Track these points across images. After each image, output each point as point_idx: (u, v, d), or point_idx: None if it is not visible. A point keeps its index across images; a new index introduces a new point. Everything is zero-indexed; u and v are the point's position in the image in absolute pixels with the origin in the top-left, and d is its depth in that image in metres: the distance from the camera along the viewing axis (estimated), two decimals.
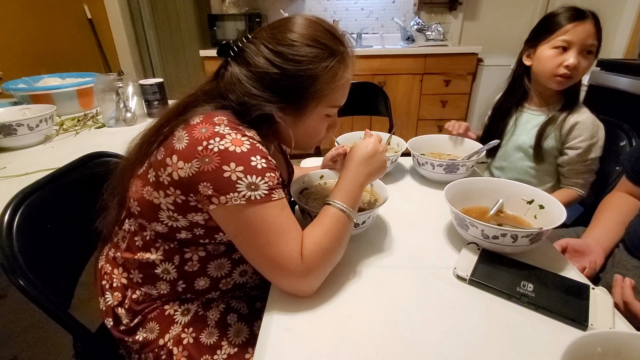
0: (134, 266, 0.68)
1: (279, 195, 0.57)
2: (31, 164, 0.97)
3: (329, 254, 0.58)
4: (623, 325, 0.54)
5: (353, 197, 0.63)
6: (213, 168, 0.53)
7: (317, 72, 0.59)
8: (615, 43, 2.11)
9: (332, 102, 0.64)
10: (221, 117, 0.58)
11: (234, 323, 0.68)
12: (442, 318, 0.55)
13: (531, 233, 0.62)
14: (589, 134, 0.99)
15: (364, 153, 0.67)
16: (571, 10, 0.94)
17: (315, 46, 0.59)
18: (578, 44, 0.93)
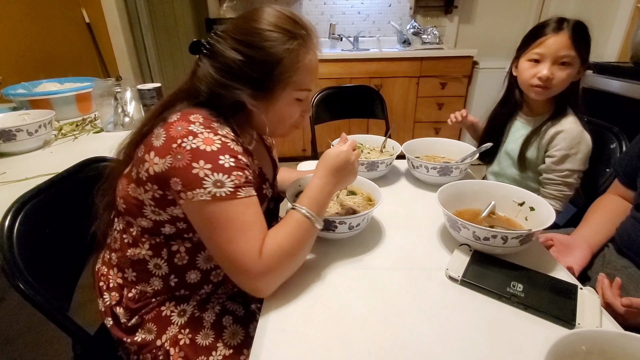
0: (127, 265, 0.70)
1: (245, 193, 0.58)
2: (30, 169, 0.98)
3: (288, 256, 0.60)
4: (610, 324, 0.55)
5: (319, 204, 0.64)
6: (184, 165, 0.56)
7: (280, 55, 0.62)
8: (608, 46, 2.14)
9: (299, 85, 0.66)
10: (197, 115, 0.61)
11: (230, 325, 0.69)
12: (434, 318, 0.56)
13: (521, 235, 0.64)
14: (566, 144, 0.98)
15: (334, 161, 0.67)
16: (547, 23, 0.97)
17: (276, 31, 0.62)
18: (550, 56, 0.95)
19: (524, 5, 2.97)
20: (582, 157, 0.99)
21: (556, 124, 1.00)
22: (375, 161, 0.99)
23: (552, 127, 1.01)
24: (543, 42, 0.95)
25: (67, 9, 2.56)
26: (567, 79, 0.96)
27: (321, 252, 0.72)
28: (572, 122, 1.00)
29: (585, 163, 1.00)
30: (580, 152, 0.99)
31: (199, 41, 0.65)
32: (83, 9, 2.69)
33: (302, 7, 3.04)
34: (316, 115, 1.76)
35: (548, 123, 1.02)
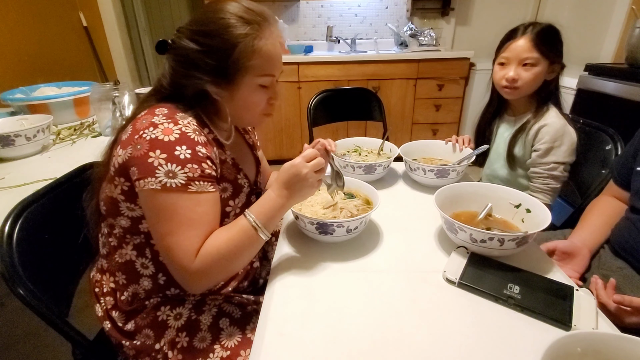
0: (116, 269, 0.71)
1: (197, 188, 0.59)
2: (29, 174, 0.99)
3: (224, 260, 0.60)
4: (606, 325, 0.56)
5: (269, 215, 0.64)
6: (141, 154, 0.57)
7: (234, 41, 0.62)
8: (603, 48, 2.16)
9: (259, 70, 0.66)
10: (162, 108, 0.63)
11: (226, 327, 0.70)
12: (432, 321, 0.56)
13: (517, 237, 0.64)
14: (549, 137, 1.02)
15: (285, 175, 0.65)
16: (515, 29, 1.05)
17: (229, 18, 0.63)
18: (515, 59, 1.03)
19: (520, 7, 2.99)
20: (566, 149, 1.02)
21: (539, 119, 1.04)
22: (372, 164, 0.99)
23: (535, 123, 1.05)
24: (508, 46, 1.04)
25: (64, 13, 2.56)
26: (534, 78, 1.02)
27: (319, 255, 0.73)
28: (554, 116, 1.03)
29: (570, 155, 1.03)
30: (564, 144, 1.02)
31: (165, 40, 0.67)
32: (80, 13, 2.69)
33: (299, 10, 3.05)
34: (314, 118, 1.77)
35: (532, 120, 1.06)
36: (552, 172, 1.03)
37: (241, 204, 0.77)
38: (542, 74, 1.02)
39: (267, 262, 0.90)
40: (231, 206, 0.74)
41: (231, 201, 0.74)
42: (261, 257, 0.88)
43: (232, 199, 0.74)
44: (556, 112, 1.04)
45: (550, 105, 1.05)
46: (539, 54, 0.99)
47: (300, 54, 2.77)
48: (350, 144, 1.20)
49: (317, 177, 0.67)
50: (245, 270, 0.80)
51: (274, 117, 2.76)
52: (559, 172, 1.03)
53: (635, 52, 1.61)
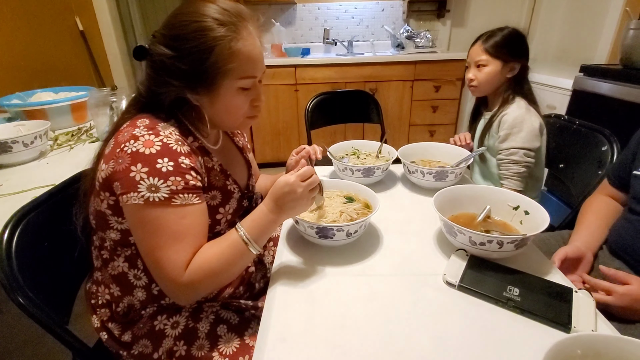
0: (110, 281, 0.70)
1: (182, 201, 0.58)
2: (27, 181, 0.98)
3: (214, 275, 0.60)
4: (605, 327, 0.56)
5: (260, 230, 0.63)
6: (123, 168, 0.56)
7: (210, 44, 0.59)
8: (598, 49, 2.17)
9: (239, 73, 0.63)
10: (144, 119, 0.62)
11: (224, 334, 0.69)
12: (432, 325, 0.57)
13: (516, 239, 0.65)
14: (508, 125, 1.11)
15: (279, 192, 0.64)
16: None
17: (203, 20, 0.60)
18: (471, 62, 1.20)
19: (515, 9, 3.01)
20: (525, 135, 1.09)
21: (503, 111, 1.15)
22: (371, 167, 1.00)
23: (499, 114, 1.16)
24: (468, 52, 1.22)
25: (60, 18, 2.55)
26: (487, 76, 1.16)
27: (320, 260, 0.73)
28: (516, 107, 1.13)
29: (531, 141, 1.09)
30: (523, 131, 1.09)
31: (142, 46, 0.64)
32: (77, 17, 2.69)
33: (296, 13, 3.06)
34: (312, 121, 1.77)
35: (497, 112, 1.17)
36: (512, 157, 1.10)
37: (232, 209, 0.76)
38: (497, 73, 1.15)
39: (262, 266, 0.90)
40: (222, 213, 0.73)
41: (221, 208, 0.73)
42: (257, 262, 0.87)
43: (222, 206, 0.73)
44: (519, 103, 1.13)
45: (516, 98, 1.15)
46: (487, 55, 1.15)
47: (297, 57, 2.78)
48: (349, 147, 1.21)
49: (310, 195, 0.67)
50: (241, 275, 0.79)
51: (271, 120, 2.78)
52: (518, 157, 1.09)
53: (629, 53, 1.62)
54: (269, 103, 2.73)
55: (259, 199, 0.88)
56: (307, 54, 2.99)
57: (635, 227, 0.77)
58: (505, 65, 1.14)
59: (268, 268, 0.91)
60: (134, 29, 3.46)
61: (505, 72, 1.15)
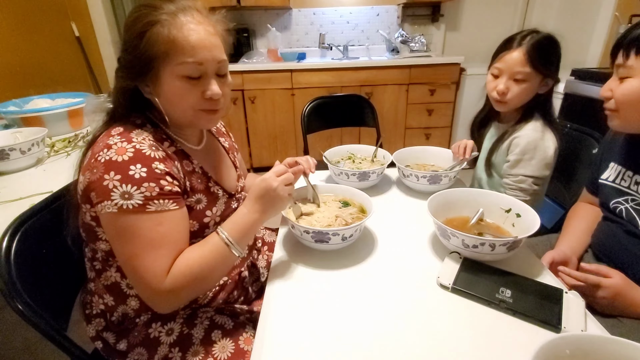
0: (104, 291, 0.70)
1: (157, 207, 0.58)
2: (24, 188, 0.98)
3: (196, 280, 0.60)
4: (595, 327, 0.57)
5: (242, 232, 0.64)
6: (97, 177, 0.57)
7: (140, 30, 0.60)
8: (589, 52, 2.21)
9: (175, 58, 0.60)
10: (118, 127, 0.62)
11: (219, 339, 0.69)
12: (427, 327, 0.58)
13: (508, 242, 0.66)
14: (519, 150, 0.99)
15: (256, 189, 0.66)
16: (513, 37, 1.00)
17: (137, 11, 0.62)
18: (507, 72, 0.98)
19: (508, 13, 3.05)
20: (536, 164, 0.99)
21: (517, 130, 1.02)
22: (366, 171, 1.01)
23: (513, 133, 1.03)
24: (502, 57, 0.99)
25: (56, 23, 2.56)
26: (523, 92, 0.98)
27: (316, 264, 0.74)
28: (531, 128, 1.00)
29: (541, 169, 0.99)
30: (535, 159, 0.98)
31: None
32: (73, 23, 2.69)
33: (291, 18, 3.08)
34: (308, 125, 1.79)
35: (510, 130, 1.04)
36: (520, 185, 1.00)
37: (220, 212, 0.75)
38: (534, 89, 0.99)
39: (255, 270, 0.90)
40: (209, 216, 0.72)
41: (208, 211, 0.72)
42: (250, 266, 0.87)
43: (208, 209, 0.72)
44: (536, 124, 1.00)
45: (535, 117, 1.02)
46: (531, 69, 0.95)
47: (293, 61, 2.80)
48: (344, 152, 1.22)
49: (287, 190, 0.68)
50: (234, 280, 0.80)
51: (267, 124, 2.79)
52: (527, 185, 1.00)
53: None
54: (266, 107, 2.75)
55: None
56: (303, 59, 3.01)
57: (611, 231, 0.79)
58: (543, 80, 0.98)
59: (262, 272, 0.92)
60: None
61: (538, 88, 0.99)
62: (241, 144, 2.78)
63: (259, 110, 2.75)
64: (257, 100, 2.72)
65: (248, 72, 2.62)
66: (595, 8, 2.22)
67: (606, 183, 0.82)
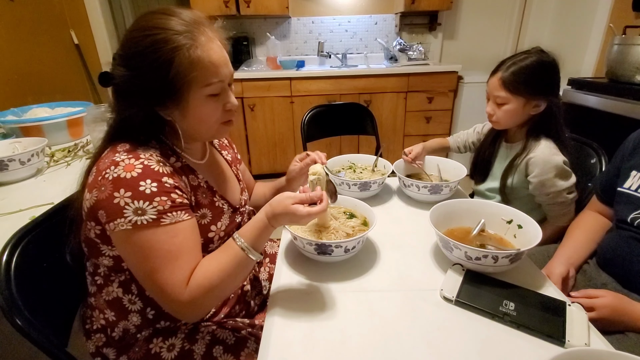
0: (105, 306, 0.69)
1: (171, 219, 0.58)
2: (24, 199, 0.98)
3: (216, 290, 0.59)
4: (598, 340, 0.57)
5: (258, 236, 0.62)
6: (106, 196, 0.56)
7: (168, 57, 0.57)
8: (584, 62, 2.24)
9: (203, 80, 0.61)
10: (124, 144, 0.61)
11: (220, 355, 0.69)
12: (430, 340, 0.58)
13: (511, 254, 0.66)
14: (539, 171, 1.01)
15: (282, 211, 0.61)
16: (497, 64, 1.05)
17: (157, 33, 0.57)
18: (490, 95, 1.06)
19: (504, 21, 3.09)
20: (558, 176, 1.00)
21: (529, 151, 1.04)
22: (367, 181, 1.01)
23: (526, 155, 1.04)
24: (488, 80, 1.06)
25: (55, 31, 2.56)
26: (507, 114, 1.03)
27: (318, 276, 0.74)
28: (542, 148, 1.02)
29: (564, 179, 1.01)
30: (554, 173, 1.00)
31: (106, 72, 0.62)
32: (72, 31, 2.70)
33: (290, 26, 3.11)
34: (307, 133, 1.79)
35: (522, 152, 1.06)
36: (557, 199, 1.03)
37: (224, 226, 0.75)
38: (517, 111, 1.02)
39: (257, 284, 0.89)
40: (214, 231, 0.72)
41: (213, 226, 0.72)
42: (252, 279, 0.87)
43: (213, 223, 0.72)
44: (547, 143, 1.02)
45: (542, 138, 1.04)
46: (507, 93, 1.00)
47: (292, 69, 2.81)
48: (345, 161, 1.22)
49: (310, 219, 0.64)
50: (236, 294, 0.79)
51: (267, 131, 2.79)
52: (562, 198, 1.02)
53: (614, 67, 1.68)
54: (265, 115, 2.76)
55: (251, 213, 0.88)
56: (302, 67, 3.03)
57: (622, 241, 0.79)
58: (528, 102, 1.00)
59: (264, 285, 0.91)
60: None
61: (529, 110, 1.01)
62: (241, 152, 2.77)
63: (259, 118, 2.76)
64: (256, 108, 2.73)
65: (247, 80, 2.64)
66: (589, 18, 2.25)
67: (627, 192, 0.81)
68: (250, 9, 2.72)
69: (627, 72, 1.62)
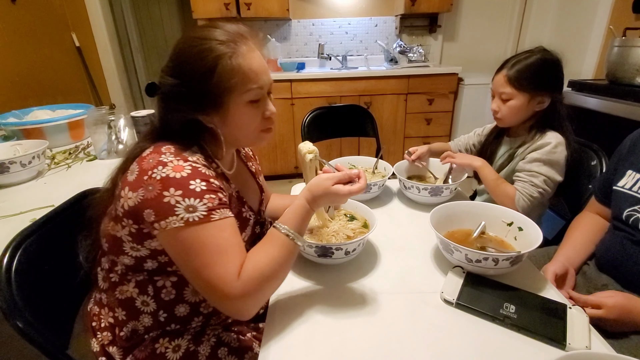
0: (116, 304, 0.69)
1: (219, 215, 0.59)
2: (25, 202, 0.98)
3: (268, 280, 0.59)
4: (599, 342, 0.57)
5: (301, 222, 0.64)
6: (155, 195, 0.56)
7: (210, 64, 0.61)
8: (585, 64, 2.24)
9: (243, 87, 0.63)
10: (168, 146, 0.62)
11: (225, 356, 0.69)
12: (431, 343, 0.58)
13: (511, 256, 0.66)
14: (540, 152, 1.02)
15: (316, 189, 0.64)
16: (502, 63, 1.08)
17: (201, 44, 0.61)
18: (496, 92, 1.08)
19: (505, 23, 3.10)
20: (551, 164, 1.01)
21: (535, 141, 1.04)
22: (368, 184, 1.01)
23: (531, 144, 1.05)
24: (493, 78, 1.09)
25: (56, 34, 2.57)
26: (512, 110, 1.05)
27: (319, 279, 0.74)
28: (552, 136, 1.03)
29: (553, 172, 1.01)
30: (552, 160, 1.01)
31: (153, 82, 0.66)
32: (73, 33, 2.71)
33: (291, 28, 3.12)
34: (307, 135, 1.79)
35: (523, 146, 1.07)
36: (532, 179, 1.01)
37: (247, 237, 0.76)
38: (522, 106, 1.04)
39: None
40: None
41: None
42: None
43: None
44: (554, 134, 1.04)
45: (547, 132, 1.05)
46: (512, 89, 1.03)
47: (292, 71, 2.82)
48: (345, 163, 1.22)
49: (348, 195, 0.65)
50: None
51: None
52: (538, 181, 1.00)
53: (614, 69, 1.68)
54: None
55: (268, 224, 0.89)
56: (302, 69, 3.03)
57: (621, 242, 0.79)
58: (533, 98, 1.03)
59: None
60: (130, 44, 3.49)
61: (533, 106, 1.04)
62: None
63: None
64: None
65: None
66: (589, 20, 2.26)
67: (622, 190, 0.81)
68: (250, 12, 2.73)
69: (627, 74, 1.62)
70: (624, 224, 0.79)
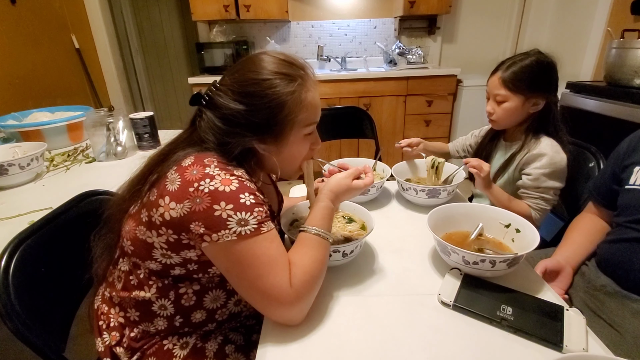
0: (130, 305, 0.69)
1: (267, 227, 0.60)
2: (23, 204, 0.98)
3: (316, 279, 0.63)
4: (596, 345, 0.57)
5: (326, 222, 0.68)
6: (204, 208, 0.56)
7: (282, 99, 0.63)
8: (583, 65, 2.25)
9: (305, 121, 0.68)
10: (211, 158, 0.62)
11: (231, 353, 0.70)
12: (428, 345, 0.58)
13: (508, 258, 0.66)
14: (542, 164, 1.02)
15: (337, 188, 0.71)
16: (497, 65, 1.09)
17: (275, 77, 0.64)
18: (490, 94, 1.09)
19: (503, 25, 3.11)
20: (557, 175, 1.02)
21: (530, 149, 1.05)
22: None
23: (525, 153, 1.06)
24: (488, 80, 1.10)
25: (56, 35, 2.58)
26: (507, 112, 1.06)
27: None
28: (545, 145, 1.04)
29: (559, 181, 1.03)
30: (556, 171, 1.02)
31: (199, 94, 0.68)
32: (73, 35, 2.72)
33: (290, 30, 3.12)
34: None
35: (520, 151, 1.08)
36: (544, 195, 1.03)
37: None
38: (517, 109, 1.05)
39: None
40: None
41: None
42: None
43: None
44: (550, 140, 1.04)
45: (542, 136, 1.05)
46: (506, 91, 1.03)
47: None
48: None
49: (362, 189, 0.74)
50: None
51: None
52: (549, 195, 1.03)
53: (612, 71, 1.68)
54: None
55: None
56: None
57: (624, 244, 0.79)
58: (527, 100, 1.03)
59: None
60: (129, 46, 3.50)
61: (528, 108, 1.04)
62: None
63: None
64: None
65: None
66: (588, 22, 2.26)
67: (636, 189, 0.79)
68: (250, 14, 2.74)
69: (625, 76, 1.63)
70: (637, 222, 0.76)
